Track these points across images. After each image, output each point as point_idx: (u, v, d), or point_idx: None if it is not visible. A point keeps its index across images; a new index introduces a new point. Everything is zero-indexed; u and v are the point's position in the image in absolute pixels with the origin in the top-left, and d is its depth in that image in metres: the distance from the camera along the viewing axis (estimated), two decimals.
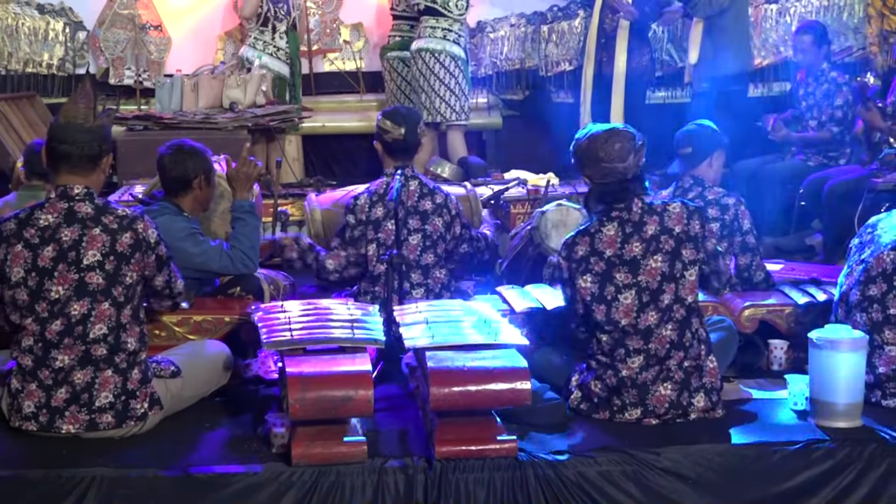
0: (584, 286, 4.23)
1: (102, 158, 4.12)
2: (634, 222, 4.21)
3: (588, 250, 4.23)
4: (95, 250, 3.99)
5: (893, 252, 4.37)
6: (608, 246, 4.21)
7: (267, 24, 8.39)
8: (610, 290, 4.20)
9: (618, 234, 4.21)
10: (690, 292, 4.23)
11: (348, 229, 5.23)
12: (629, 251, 4.19)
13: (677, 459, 3.91)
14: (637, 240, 4.20)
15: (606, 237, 4.22)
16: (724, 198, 5.25)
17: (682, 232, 4.20)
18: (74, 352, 3.98)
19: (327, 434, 3.84)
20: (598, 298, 4.22)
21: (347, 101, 9.28)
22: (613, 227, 4.22)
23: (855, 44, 9.20)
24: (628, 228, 4.21)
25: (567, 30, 9.25)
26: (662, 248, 4.19)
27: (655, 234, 4.20)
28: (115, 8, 8.94)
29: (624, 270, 4.20)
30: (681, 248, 4.20)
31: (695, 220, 4.23)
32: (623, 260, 4.20)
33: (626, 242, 4.20)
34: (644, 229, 4.20)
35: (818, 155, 7.50)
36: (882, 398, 4.38)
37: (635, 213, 4.23)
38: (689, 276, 4.22)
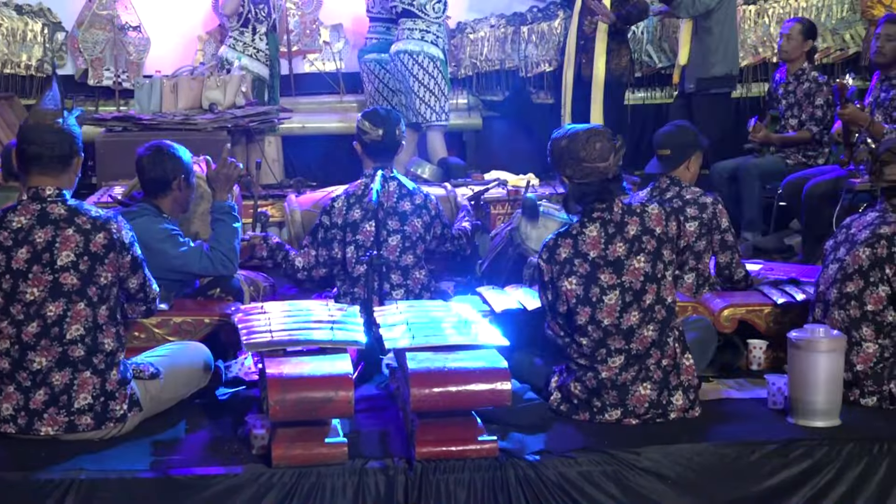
0: (570, 288, 4.23)
1: (73, 159, 4.11)
2: (616, 223, 4.23)
3: (572, 252, 4.24)
4: (69, 251, 3.97)
5: (868, 248, 4.40)
6: (592, 247, 4.22)
7: (247, 25, 8.37)
8: (595, 291, 4.21)
9: (601, 234, 4.22)
10: (670, 293, 4.26)
11: (321, 230, 5.23)
12: (613, 252, 4.21)
13: (657, 459, 3.92)
14: (620, 240, 4.21)
15: (590, 238, 4.23)
16: (702, 197, 5.27)
17: (662, 233, 4.22)
18: (52, 353, 3.97)
19: (308, 435, 3.83)
20: (583, 300, 4.22)
21: (327, 101, 9.26)
22: (596, 227, 4.23)
23: (833, 45, 9.25)
24: (611, 229, 4.22)
25: (547, 31, 9.26)
26: (645, 249, 4.21)
27: (637, 234, 4.21)
28: (93, 9, 8.90)
29: (609, 271, 4.21)
30: (661, 249, 4.22)
31: (672, 221, 4.26)
32: (608, 261, 4.21)
33: (609, 243, 4.21)
34: (626, 230, 4.22)
35: (797, 154, 7.54)
36: (860, 396, 4.40)
37: (616, 213, 4.24)
38: (668, 276, 4.24)
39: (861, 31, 9.14)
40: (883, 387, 4.39)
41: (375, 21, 8.80)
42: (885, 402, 4.39)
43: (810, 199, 6.72)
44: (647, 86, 9.36)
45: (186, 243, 4.88)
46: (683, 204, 5.20)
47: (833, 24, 9.26)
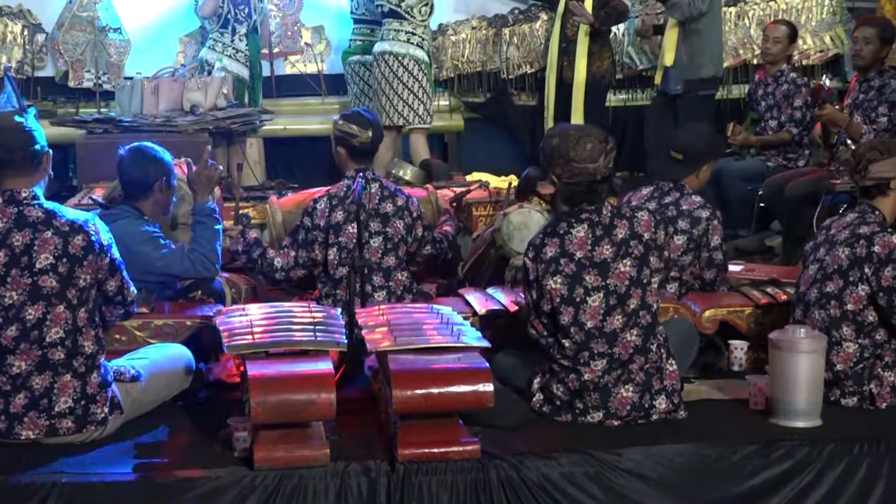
0: (554, 287, 4.24)
1: (43, 156, 4.08)
2: (605, 225, 4.23)
3: (558, 252, 4.24)
4: (48, 253, 3.95)
5: (848, 248, 4.42)
6: (579, 248, 4.22)
7: (227, 26, 8.35)
8: (579, 291, 4.21)
9: (588, 235, 4.23)
10: (655, 299, 4.27)
11: (302, 231, 5.21)
12: (600, 254, 4.21)
13: (639, 460, 3.93)
14: (608, 242, 4.21)
15: (577, 239, 4.23)
16: (699, 209, 5.12)
17: (651, 239, 4.23)
18: (31, 357, 3.95)
19: (290, 438, 3.83)
20: (566, 300, 4.23)
21: (309, 103, 9.26)
22: (583, 228, 4.24)
23: (813, 46, 9.30)
24: (598, 231, 4.22)
25: (528, 32, 9.27)
26: (632, 253, 4.21)
27: (625, 238, 4.22)
28: (74, 10, 8.87)
29: (594, 273, 4.21)
30: (648, 255, 4.23)
31: (661, 230, 4.27)
32: (594, 262, 4.21)
33: (596, 244, 4.22)
34: (614, 232, 4.22)
35: (777, 156, 7.57)
36: (841, 396, 4.42)
37: (605, 215, 4.24)
38: (654, 282, 4.24)
39: (841, 33, 9.19)
40: (863, 387, 4.41)
41: (359, 23, 8.80)
42: (865, 403, 4.40)
43: (791, 201, 6.74)
44: (629, 88, 9.39)
45: (167, 245, 4.86)
46: (677, 214, 5.11)
47: (813, 26, 9.31)
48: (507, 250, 5.57)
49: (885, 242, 4.37)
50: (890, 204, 4.53)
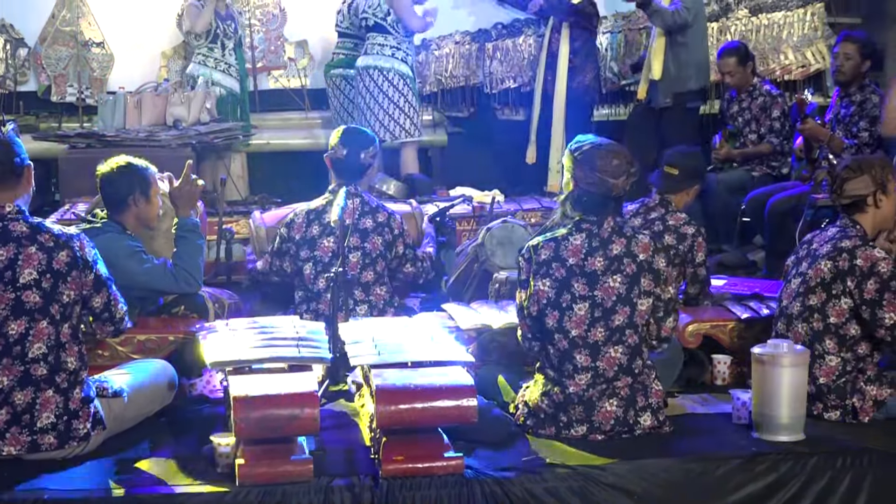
0: (543, 289, 4.26)
1: (23, 168, 4.07)
2: (602, 238, 4.25)
3: (551, 255, 4.26)
4: (32, 268, 3.94)
5: (830, 262, 4.43)
6: (572, 254, 4.24)
7: (216, 41, 8.36)
8: (566, 297, 4.23)
9: (583, 244, 4.25)
10: (643, 321, 4.27)
11: (279, 240, 5.26)
12: (591, 264, 4.22)
13: (622, 474, 3.93)
14: (601, 255, 4.23)
15: (572, 246, 4.25)
16: (685, 226, 5.24)
17: (646, 261, 4.24)
18: (13, 372, 3.93)
19: (273, 453, 3.81)
20: (553, 304, 4.24)
21: (292, 118, 9.26)
22: (581, 237, 4.26)
23: (795, 61, 9.34)
24: (595, 242, 4.24)
25: (511, 47, 9.29)
26: (623, 271, 4.22)
27: (619, 254, 4.23)
28: (57, 25, 8.86)
29: (582, 281, 4.22)
30: (641, 276, 4.23)
31: (660, 256, 4.27)
32: (583, 271, 4.23)
33: (589, 255, 4.23)
34: (610, 247, 4.24)
35: (762, 166, 7.60)
36: (824, 410, 4.43)
37: (605, 230, 4.26)
38: (640, 305, 4.24)
39: (823, 49, 9.24)
40: (846, 401, 4.42)
41: (344, 36, 8.81)
42: (848, 416, 4.42)
43: (773, 215, 6.77)
44: (612, 102, 9.40)
45: (150, 260, 4.85)
46: (664, 229, 5.21)
47: (795, 41, 9.35)
48: (490, 265, 5.58)
49: (867, 256, 4.39)
50: (870, 219, 4.56)
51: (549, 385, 4.26)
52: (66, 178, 7.21)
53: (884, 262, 4.38)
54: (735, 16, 9.34)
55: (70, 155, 7.45)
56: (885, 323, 4.36)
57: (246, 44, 9.01)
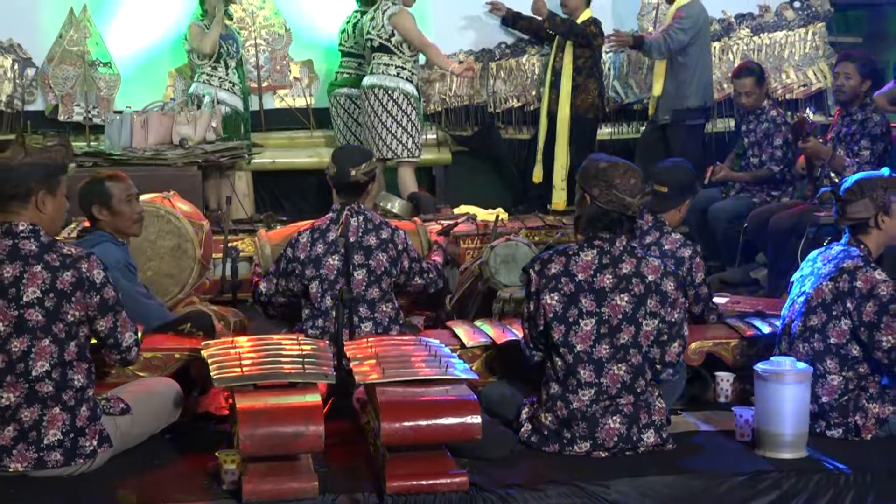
0: (550, 303, 4.27)
1: (31, 196, 4.04)
2: (613, 256, 4.26)
3: (561, 269, 4.28)
4: (35, 287, 3.95)
5: (832, 282, 4.43)
6: (582, 270, 4.26)
7: (219, 61, 8.40)
8: (573, 312, 4.24)
9: (594, 261, 4.26)
10: (648, 343, 4.27)
11: (283, 260, 5.24)
12: (600, 281, 4.24)
13: (626, 492, 3.93)
14: (611, 273, 4.24)
15: (583, 261, 4.27)
16: (681, 248, 5.16)
17: (654, 283, 4.25)
18: (18, 389, 3.94)
19: (278, 470, 3.82)
20: (559, 318, 4.25)
21: (297, 137, 9.27)
22: (592, 254, 4.28)
23: (796, 81, 9.36)
24: (605, 259, 4.26)
25: (515, 67, 9.32)
26: (632, 290, 4.23)
27: (629, 274, 4.24)
28: (64, 45, 8.88)
29: (590, 297, 4.24)
30: (648, 297, 4.24)
31: (669, 280, 4.28)
32: (592, 287, 4.24)
33: (599, 272, 4.25)
34: (620, 266, 4.25)
35: (762, 192, 7.61)
36: (826, 428, 4.43)
37: (616, 248, 4.27)
38: (646, 325, 4.25)
39: (824, 68, 9.26)
40: (848, 419, 4.42)
41: (348, 56, 8.84)
42: (850, 434, 4.41)
43: (775, 233, 6.77)
44: (615, 121, 9.42)
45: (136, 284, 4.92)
46: (660, 255, 5.08)
47: (796, 61, 9.38)
48: (494, 283, 5.59)
49: (867, 278, 4.39)
50: (874, 239, 4.55)
51: (552, 401, 4.27)
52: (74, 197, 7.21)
53: (884, 284, 4.37)
54: (737, 35, 9.37)
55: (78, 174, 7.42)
56: (882, 346, 4.36)
57: (252, 63, 9.04)
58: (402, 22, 8.11)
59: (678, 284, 4.32)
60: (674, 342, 4.33)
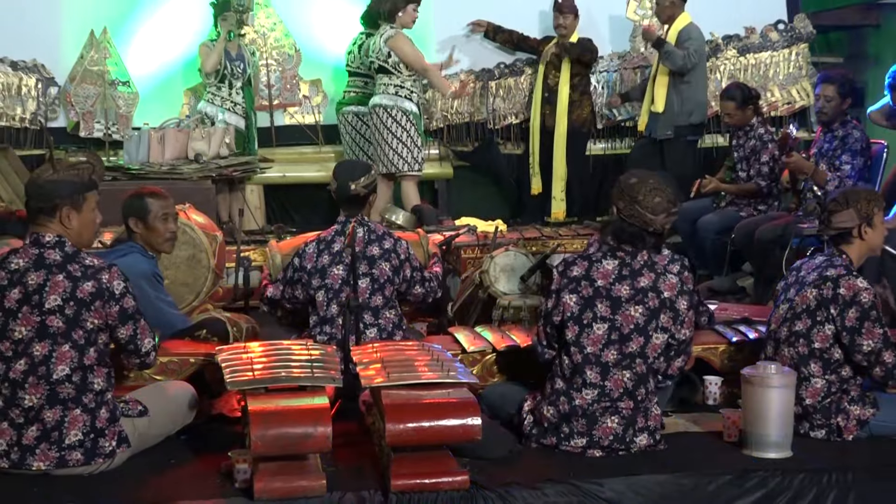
0: (569, 303, 4.27)
1: (56, 211, 4.05)
2: (633, 269, 4.26)
3: (582, 273, 4.28)
4: (56, 295, 3.96)
5: (815, 290, 4.43)
6: (602, 277, 4.26)
7: (224, 81, 8.40)
8: (588, 315, 4.25)
9: (614, 270, 4.27)
10: (654, 353, 4.27)
11: (290, 269, 5.24)
12: (617, 290, 4.24)
13: (620, 490, 3.93)
14: (628, 285, 4.24)
15: (604, 269, 4.27)
16: (671, 264, 5.16)
17: (669, 299, 4.25)
18: (40, 391, 3.95)
19: (288, 469, 3.82)
20: (575, 318, 4.26)
21: (306, 152, 9.27)
22: (613, 263, 4.28)
23: (781, 98, 9.37)
24: (625, 271, 4.26)
25: (513, 85, 9.33)
26: (646, 303, 4.23)
27: (646, 287, 4.24)
28: (85, 65, 8.89)
29: (605, 304, 4.24)
30: (661, 311, 4.24)
31: (683, 298, 4.28)
32: (609, 295, 4.24)
33: (618, 281, 4.25)
34: (638, 279, 4.25)
35: (749, 206, 7.61)
36: (810, 429, 4.43)
37: (637, 261, 4.28)
38: (655, 338, 4.25)
39: (807, 86, 9.27)
40: (831, 420, 4.41)
41: (354, 76, 8.85)
42: (833, 435, 4.41)
43: (761, 243, 6.77)
44: (609, 137, 9.42)
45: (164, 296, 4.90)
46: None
47: (781, 80, 9.39)
48: (494, 291, 5.58)
49: (849, 285, 4.39)
50: (856, 249, 4.55)
51: (556, 395, 4.27)
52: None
53: (865, 292, 4.38)
54: (724, 55, 9.37)
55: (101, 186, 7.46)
56: (863, 349, 4.35)
57: (263, 82, 9.05)
58: (398, 45, 8.12)
59: (691, 304, 4.31)
60: (678, 358, 4.35)
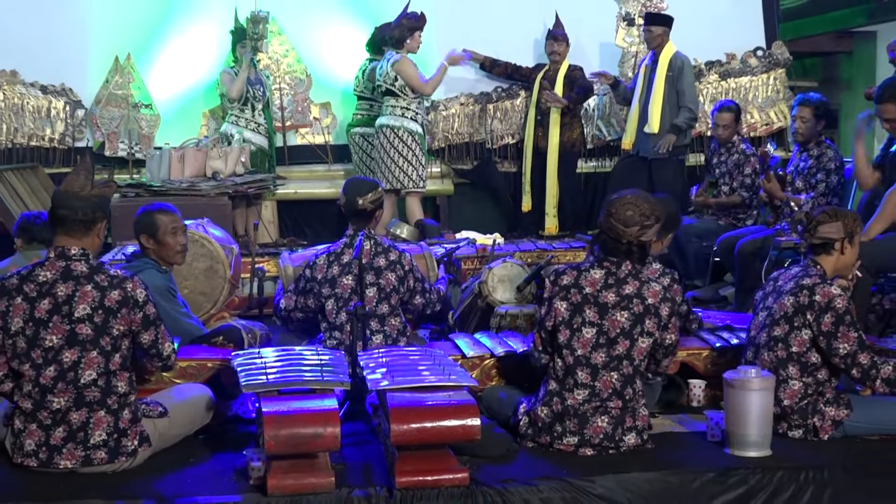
0: (560, 309, 4.28)
1: (96, 224, 4.08)
2: (619, 278, 4.27)
3: (572, 281, 4.29)
4: (86, 304, 3.95)
5: (793, 297, 4.42)
6: (590, 285, 4.26)
7: (247, 104, 8.41)
8: (577, 319, 4.25)
9: (601, 279, 4.27)
10: (640, 356, 4.26)
11: (302, 280, 5.24)
12: (604, 297, 4.24)
13: (610, 486, 3.92)
14: (614, 292, 4.24)
15: (591, 278, 4.28)
16: (661, 277, 5.09)
17: (653, 305, 4.24)
18: (68, 395, 3.94)
19: (299, 467, 3.81)
20: (566, 323, 4.26)
21: (317, 170, 9.28)
22: (600, 273, 4.29)
23: (760, 120, 9.37)
24: (611, 280, 4.26)
25: (510, 108, 9.33)
26: (632, 309, 4.23)
27: (631, 294, 4.24)
28: (110, 89, 8.91)
29: (594, 310, 4.24)
30: (646, 317, 4.24)
31: (666, 305, 4.28)
32: (597, 301, 4.24)
33: (605, 289, 4.25)
34: (623, 287, 4.25)
35: (728, 217, 7.64)
36: (788, 429, 4.41)
37: (622, 271, 4.28)
38: (641, 342, 4.24)
39: (784, 109, 9.28)
40: (808, 420, 4.40)
41: (361, 99, 8.88)
42: (809, 435, 4.40)
43: (742, 256, 6.77)
44: (598, 156, 9.42)
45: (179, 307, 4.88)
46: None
47: (760, 103, 9.40)
48: (492, 300, 5.58)
49: (824, 293, 4.38)
50: (832, 262, 4.55)
51: (550, 396, 4.26)
52: (118, 223, 7.23)
53: (839, 298, 4.37)
54: (707, 80, 9.38)
55: (121, 203, 7.47)
56: (839, 352, 4.34)
57: (276, 105, 9.06)
58: (403, 68, 8.14)
59: (672, 310, 4.31)
60: (666, 359, 4.37)
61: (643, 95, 8.38)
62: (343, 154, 9.18)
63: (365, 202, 5.21)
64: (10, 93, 8.82)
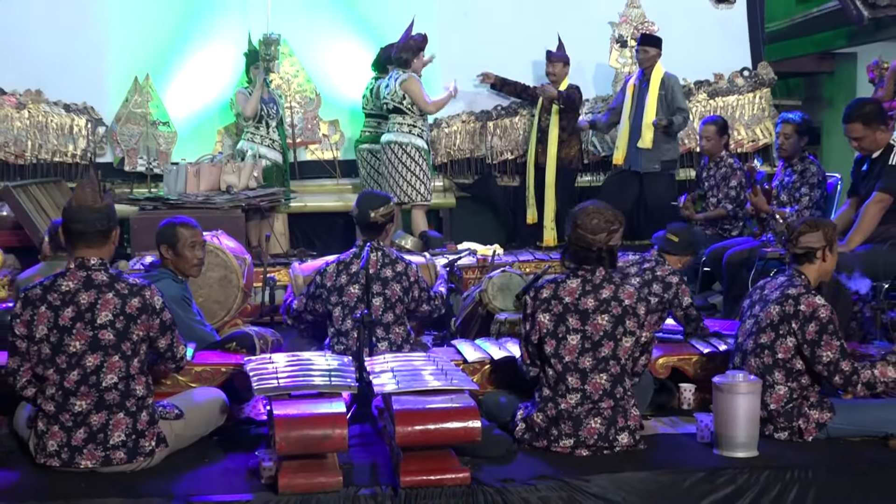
0: (543, 321, 4.27)
1: (112, 232, 4.10)
2: (595, 284, 4.27)
3: (551, 294, 4.29)
4: (108, 311, 3.95)
5: (778, 306, 4.42)
6: (568, 294, 4.27)
7: (262, 122, 8.42)
8: (561, 328, 4.25)
9: (578, 287, 4.28)
10: (625, 355, 4.26)
11: (313, 286, 5.25)
12: (584, 304, 4.24)
13: (605, 486, 3.91)
14: (592, 298, 4.25)
15: (569, 287, 4.28)
16: (670, 276, 5.36)
17: (630, 306, 4.24)
18: (90, 398, 3.94)
19: (309, 467, 3.80)
20: (551, 333, 4.26)
21: (326, 184, 9.28)
22: (577, 282, 4.29)
23: (746, 137, 9.38)
24: (588, 287, 4.27)
25: (509, 125, 9.33)
26: (611, 311, 4.24)
27: (608, 298, 4.25)
28: (129, 107, 8.93)
29: (575, 317, 4.24)
30: (625, 318, 4.24)
31: (642, 304, 4.29)
32: (577, 309, 4.24)
33: (583, 296, 4.26)
34: (600, 291, 4.25)
35: (714, 227, 7.65)
36: (774, 431, 4.41)
37: (597, 277, 4.29)
38: (624, 342, 4.24)
39: (769, 126, 9.28)
40: (793, 423, 4.39)
41: (369, 117, 8.89)
42: (794, 436, 4.39)
43: (730, 266, 6.76)
44: (594, 171, 9.42)
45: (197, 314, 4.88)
46: (653, 279, 5.37)
47: (746, 120, 9.41)
48: (492, 308, 5.57)
49: (809, 302, 4.38)
50: (815, 270, 4.55)
51: (544, 403, 4.25)
52: (137, 235, 7.24)
53: (823, 308, 4.36)
54: (696, 99, 9.39)
55: (140, 215, 7.48)
56: (822, 360, 4.34)
57: (287, 122, 9.07)
58: (410, 87, 8.16)
59: (648, 309, 4.31)
60: (642, 357, 4.36)
61: (633, 112, 8.39)
62: (351, 169, 9.19)
63: (377, 215, 5.22)
64: (34, 111, 8.84)
